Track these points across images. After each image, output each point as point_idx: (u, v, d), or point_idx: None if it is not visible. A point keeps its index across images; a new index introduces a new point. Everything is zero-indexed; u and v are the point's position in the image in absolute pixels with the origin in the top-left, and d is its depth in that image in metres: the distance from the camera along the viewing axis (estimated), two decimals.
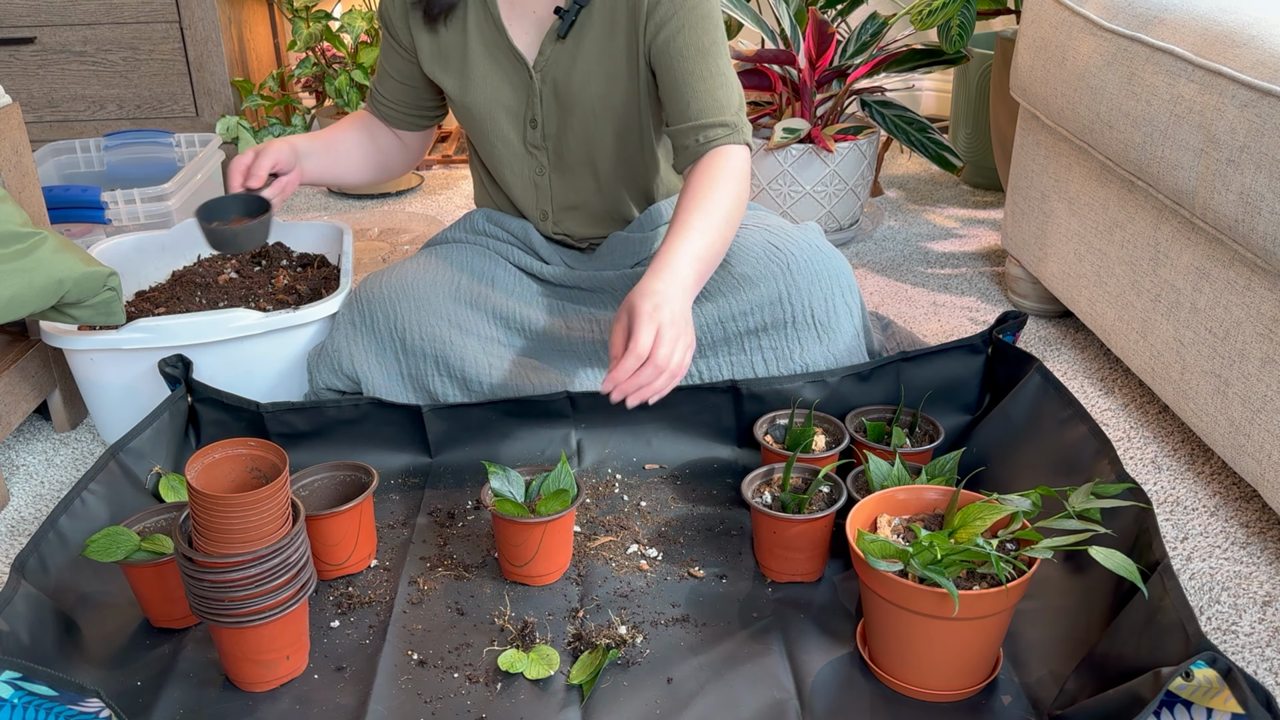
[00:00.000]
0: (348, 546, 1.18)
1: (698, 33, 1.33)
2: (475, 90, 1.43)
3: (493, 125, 1.45)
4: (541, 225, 1.53)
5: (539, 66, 1.39)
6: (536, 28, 1.39)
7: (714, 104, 1.33)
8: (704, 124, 1.33)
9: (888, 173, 2.63)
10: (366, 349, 1.41)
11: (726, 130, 1.33)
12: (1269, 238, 1.15)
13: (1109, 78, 1.45)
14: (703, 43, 1.33)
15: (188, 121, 2.44)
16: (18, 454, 1.52)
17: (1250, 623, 1.13)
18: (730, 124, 1.34)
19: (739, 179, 1.32)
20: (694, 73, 1.33)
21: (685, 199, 1.30)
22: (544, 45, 1.38)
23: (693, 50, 1.33)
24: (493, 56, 1.41)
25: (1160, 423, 1.51)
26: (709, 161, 1.32)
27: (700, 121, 1.33)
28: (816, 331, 1.38)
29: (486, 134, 1.46)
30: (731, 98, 1.35)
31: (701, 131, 1.33)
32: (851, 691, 1.02)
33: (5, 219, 1.27)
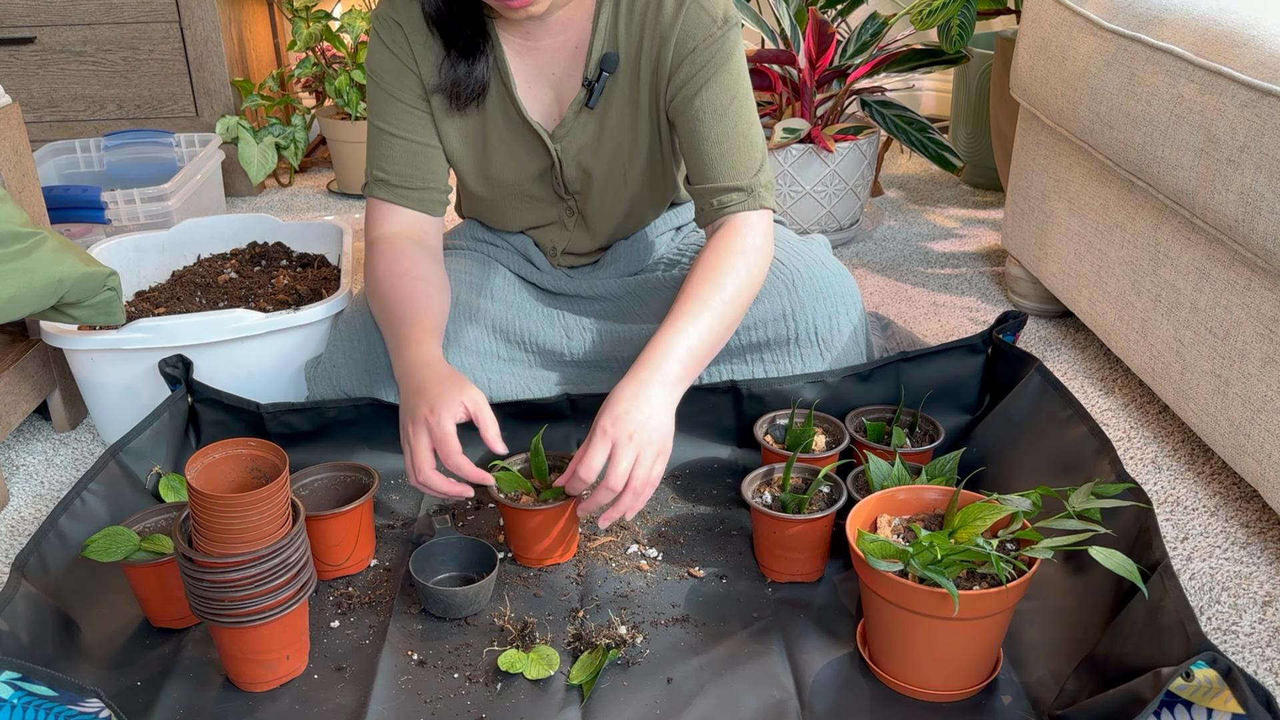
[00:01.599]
0: (347, 547, 1.18)
1: (716, 93, 1.28)
2: (498, 166, 1.38)
3: (519, 192, 1.41)
4: (553, 257, 1.51)
5: (559, 138, 1.35)
6: (555, 88, 1.34)
7: (729, 169, 1.28)
8: (719, 188, 1.29)
9: (888, 173, 2.63)
10: (363, 369, 1.39)
11: (742, 196, 1.29)
12: (1269, 238, 1.15)
13: (1109, 78, 1.45)
14: (721, 104, 1.28)
15: (188, 121, 2.44)
16: (18, 454, 1.52)
17: (1250, 623, 1.13)
18: (746, 188, 1.29)
19: (752, 254, 1.27)
20: (710, 137, 1.28)
21: (691, 283, 1.25)
22: (568, 117, 1.34)
23: (710, 113, 1.28)
24: (511, 130, 1.36)
25: (1160, 423, 1.51)
26: (723, 237, 1.28)
27: (716, 185, 1.29)
28: (820, 349, 1.38)
29: (512, 198, 1.42)
30: (750, 160, 1.29)
31: (716, 196, 1.29)
32: (851, 691, 1.02)
33: (5, 219, 1.27)
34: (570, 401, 1.38)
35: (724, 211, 1.29)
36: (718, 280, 1.24)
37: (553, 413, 1.39)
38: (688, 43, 1.27)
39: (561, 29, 1.30)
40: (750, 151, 1.29)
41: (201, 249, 1.78)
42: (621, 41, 1.29)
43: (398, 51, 1.32)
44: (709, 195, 1.30)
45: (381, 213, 1.37)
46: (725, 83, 1.28)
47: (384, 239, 1.35)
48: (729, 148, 1.28)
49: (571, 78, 1.33)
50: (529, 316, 1.44)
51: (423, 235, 1.37)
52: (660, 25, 1.27)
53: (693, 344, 1.20)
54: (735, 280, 1.25)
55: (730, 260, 1.25)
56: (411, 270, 1.30)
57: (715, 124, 1.28)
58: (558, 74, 1.33)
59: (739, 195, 1.29)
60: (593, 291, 1.47)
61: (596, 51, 1.29)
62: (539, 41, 1.31)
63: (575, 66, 1.32)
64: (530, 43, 1.31)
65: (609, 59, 1.29)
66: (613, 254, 1.49)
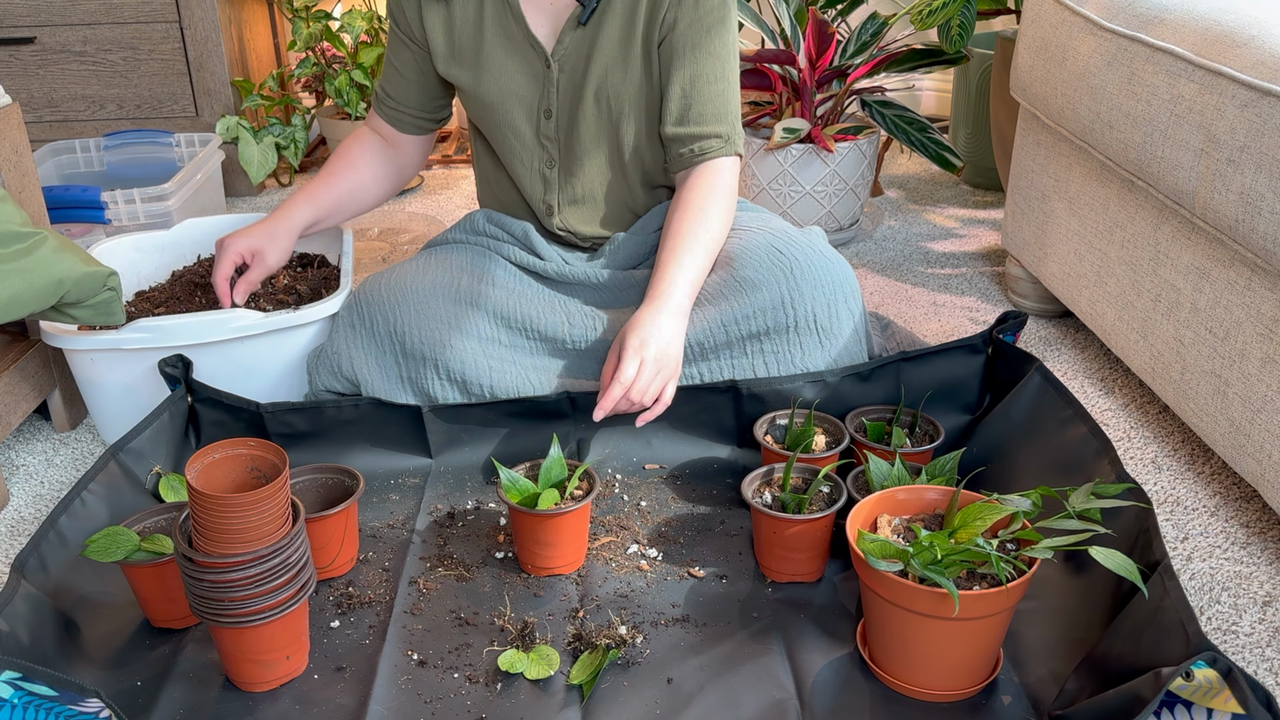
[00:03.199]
0: (333, 550, 1.18)
1: (711, 35, 1.35)
2: (490, 81, 1.43)
3: (505, 116, 1.45)
4: (546, 220, 1.53)
5: (557, 55, 1.39)
6: (554, 17, 1.39)
7: (713, 111, 1.35)
8: (700, 133, 1.35)
9: (888, 173, 2.63)
10: (366, 352, 1.41)
11: (721, 142, 1.37)
12: (1269, 238, 1.15)
13: (1109, 78, 1.45)
14: (714, 45, 1.35)
15: (188, 121, 2.44)
16: (18, 454, 1.52)
17: (1250, 623, 1.13)
18: (725, 135, 1.37)
19: (727, 196, 1.39)
20: (701, 75, 1.35)
21: (677, 220, 1.36)
22: (563, 34, 1.38)
23: (704, 52, 1.34)
24: (509, 47, 1.41)
25: (1160, 423, 1.51)
26: (700, 179, 1.38)
27: (697, 130, 1.35)
28: (819, 336, 1.38)
29: (499, 125, 1.46)
30: (731, 106, 1.37)
31: (697, 141, 1.36)
32: (851, 691, 1.02)
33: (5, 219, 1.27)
34: (570, 400, 1.38)
35: (705, 157, 1.38)
36: (704, 219, 1.36)
37: (553, 411, 1.39)
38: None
39: None
40: (730, 96, 1.38)
41: (201, 249, 1.78)
42: None
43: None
44: (690, 140, 1.38)
45: (373, 119, 1.59)
46: (721, 27, 1.36)
47: (363, 132, 1.59)
48: (716, 90, 1.36)
49: (569, 7, 1.38)
50: (530, 303, 1.45)
51: (397, 145, 1.58)
52: None
53: (692, 276, 1.34)
54: (718, 218, 1.38)
55: (712, 198, 1.37)
56: (352, 155, 1.56)
57: (708, 62, 1.36)
58: (557, 5, 1.39)
59: (718, 142, 1.38)
60: (594, 280, 1.47)
61: None
62: None
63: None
64: None
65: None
66: (612, 245, 1.50)
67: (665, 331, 1.28)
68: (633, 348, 1.26)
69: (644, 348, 1.26)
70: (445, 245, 1.56)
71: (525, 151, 1.48)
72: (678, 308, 1.31)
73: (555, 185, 1.49)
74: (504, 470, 1.20)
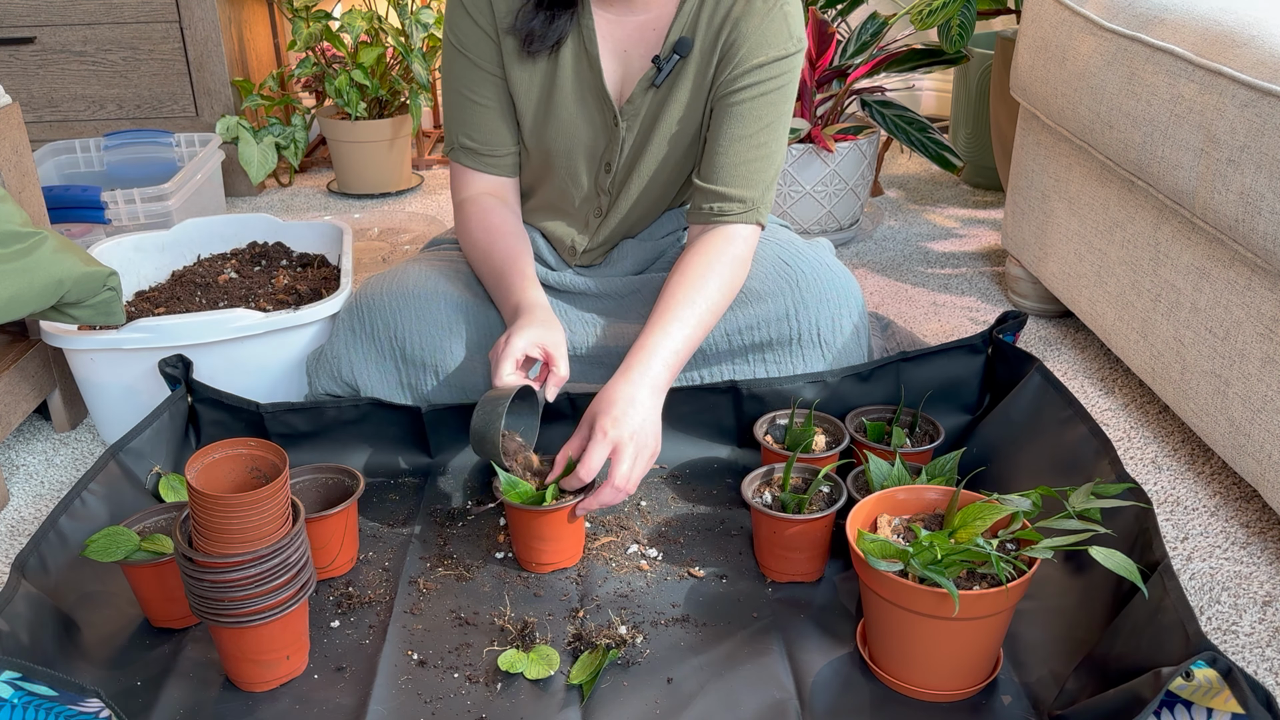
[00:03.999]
0: (333, 550, 1.18)
1: (769, 104, 1.31)
2: (557, 129, 1.38)
3: (568, 165, 1.41)
4: (565, 255, 1.50)
5: (627, 115, 1.35)
6: (624, 69, 1.34)
7: (743, 176, 1.31)
8: (724, 193, 1.31)
9: (888, 173, 2.63)
10: (366, 357, 1.40)
11: (743, 208, 1.32)
12: (1269, 238, 1.15)
13: (1109, 78, 1.45)
14: (768, 116, 1.31)
15: (188, 121, 2.44)
16: (18, 454, 1.52)
17: (1250, 623, 1.13)
18: (749, 201, 1.31)
19: (734, 264, 1.31)
20: (743, 137, 1.31)
21: (674, 284, 1.29)
22: (634, 94, 1.34)
23: (753, 118, 1.30)
24: (581, 96, 1.36)
25: (1160, 423, 1.51)
26: (709, 243, 1.31)
27: (722, 189, 1.31)
28: (821, 350, 1.38)
29: (557, 173, 1.42)
30: (765, 175, 1.32)
31: (719, 201, 1.32)
32: (851, 691, 1.02)
33: (5, 219, 1.27)
34: (570, 400, 1.38)
35: (720, 218, 1.32)
36: (701, 285, 1.29)
37: (552, 412, 1.39)
38: (762, 51, 1.29)
39: (645, 8, 1.32)
40: (768, 167, 1.33)
41: (201, 249, 1.78)
42: (700, 30, 1.31)
43: (476, 14, 1.34)
44: (712, 198, 1.32)
45: (467, 177, 1.44)
46: (779, 100, 1.32)
47: (471, 199, 1.43)
48: (753, 156, 1.31)
49: (642, 59, 1.34)
50: None
51: (504, 194, 1.45)
52: (743, 23, 1.29)
53: (677, 347, 1.26)
54: (718, 286, 1.30)
55: (716, 266, 1.30)
56: (503, 226, 1.40)
57: (755, 129, 1.31)
58: (630, 52, 1.34)
59: (739, 207, 1.32)
60: (599, 289, 1.47)
61: (674, 34, 1.31)
62: (624, 16, 1.33)
63: (649, 48, 1.33)
64: (615, 14, 1.33)
65: (683, 42, 1.31)
66: (620, 252, 1.49)
67: (642, 407, 1.19)
68: (603, 428, 1.17)
69: (617, 426, 1.17)
70: (447, 245, 1.56)
71: (579, 197, 1.44)
72: (655, 382, 1.22)
73: (592, 230, 1.47)
74: (503, 474, 1.20)
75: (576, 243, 1.47)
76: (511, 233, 1.40)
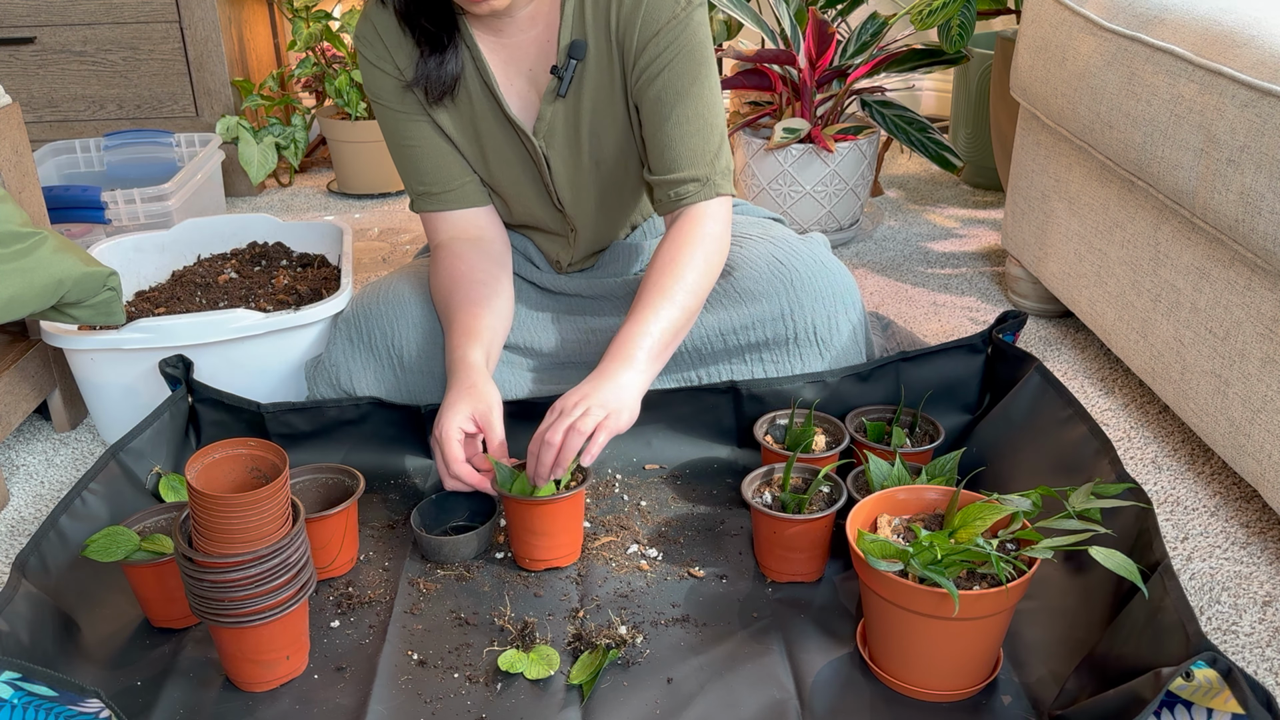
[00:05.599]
0: (333, 550, 1.18)
1: (677, 75, 1.27)
2: (495, 163, 1.38)
3: (519, 193, 1.40)
4: (558, 267, 1.50)
5: (540, 132, 1.34)
6: (534, 84, 1.33)
7: (687, 155, 1.28)
8: (676, 179, 1.29)
9: (888, 173, 2.63)
10: (365, 365, 1.40)
11: (698, 186, 1.29)
12: (1269, 238, 1.15)
13: (1109, 78, 1.45)
14: (682, 85, 1.27)
15: (188, 121, 2.44)
16: (18, 454, 1.52)
17: (1250, 623, 1.13)
18: (702, 178, 1.29)
19: (708, 242, 1.29)
20: (670, 118, 1.27)
21: (653, 275, 1.27)
22: (543, 109, 1.32)
23: (671, 94, 1.27)
24: (499, 127, 1.36)
25: (1160, 423, 1.51)
26: (680, 228, 1.29)
27: (673, 175, 1.29)
28: (819, 348, 1.38)
29: (515, 200, 1.42)
30: (707, 145, 1.29)
31: (673, 187, 1.29)
32: (851, 691, 1.02)
33: (5, 219, 1.27)
34: None
35: (681, 203, 1.30)
36: (678, 271, 1.26)
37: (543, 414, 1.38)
38: (652, 25, 1.26)
39: (531, 24, 1.30)
40: (709, 135, 1.29)
41: (201, 249, 1.78)
42: (590, 29, 1.29)
43: (380, 63, 1.34)
44: (667, 186, 1.30)
45: (433, 222, 1.42)
46: (687, 65, 1.27)
47: (442, 245, 1.41)
48: (688, 130, 1.28)
49: (545, 74, 1.33)
50: (527, 318, 1.45)
51: (478, 231, 1.41)
52: (624, 8, 1.26)
53: (656, 335, 1.23)
54: (695, 270, 1.27)
55: (690, 250, 1.27)
56: (467, 274, 1.35)
57: (675, 105, 1.27)
58: (534, 69, 1.33)
59: (695, 186, 1.29)
60: (590, 292, 1.47)
61: (564, 40, 1.29)
62: (510, 38, 1.31)
63: (548, 61, 1.32)
64: (502, 39, 1.32)
65: (576, 46, 1.28)
66: (610, 254, 1.49)
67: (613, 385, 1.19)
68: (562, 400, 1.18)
69: (567, 400, 1.18)
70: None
71: (544, 218, 1.44)
72: (635, 366, 1.21)
73: (571, 244, 1.47)
74: (498, 465, 1.20)
75: (561, 257, 1.48)
76: (475, 281, 1.34)
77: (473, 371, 1.25)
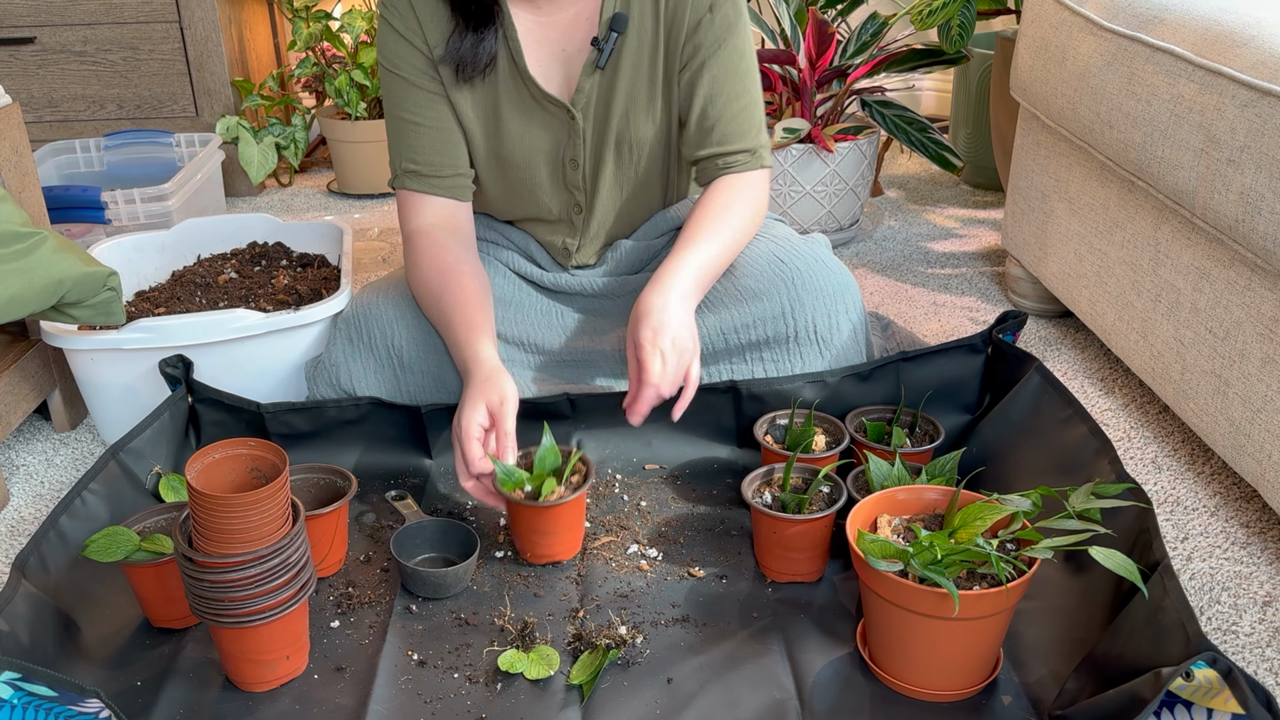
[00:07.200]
0: (321, 550, 1.18)
1: (731, 50, 1.32)
2: (511, 144, 1.37)
3: (529, 176, 1.40)
4: (562, 260, 1.49)
5: (579, 104, 1.35)
6: (566, 64, 1.35)
7: (738, 129, 1.34)
8: (727, 150, 1.34)
9: (888, 173, 2.63)
10: (365, 366, 1.39)
11: (748, 156, 1.35)
12: (1269, 238, 1.15)
13: (1109, 78, 1.45)
14: (733, 61, 1.33)
15: (188, 121, 2.44)
16: (18, 454, 1.52)
17: (1250, 623, 1.13)
18: (752, 149, 1.35)
19: (754, 203, 1.36)
20: (723, 93, 1.33)
21: (699, 212, 1.33)
22: (581, 81, 1.33)
23: (725, 70, 1.32)
24: (526, 107, 1.36)
25: (1160, 423, 1.51)
26: (727, 182, 1.35)
27: (724, 148, 1.34)
28: (819, 347, 1.38)
29: (520, 186, 1.42)
30: (755, 119, 1.35)
31: (723, 158, 1.35)
32: (851, 691, 1.02)
33: (5, 219, 1.27)
34: (570, 401, 1.38)
35: (729, 170, 1.35)
36: (725, 215, 1.32)
37: (552, 412, 1.39)
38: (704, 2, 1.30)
39: (572, 2, 1.32)
40: (756, 111, 1.36)
41: (201, 249, 1.78)
42: (634, 3, 1.31)
43: (409, 35, 1.33)
44: (716, 158, 1.35)
45: (414, 204, 1.39)
46: (740, 41, 1.33)
47: (421, 231, 1.37)
48: (741, 105, 1.34)
49: (580, 52, 1.34)
50: (527, 317, 1.44)
51: (456, 223, 1.39)
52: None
53: (703, 264, 1.29)
54: (740, 216, 1.33)
55: (735, 200, 1.34)
56: (456, 266, 1.33)
57: (729, 81, 1.33)
58: (569, 50, 1.34)
59: (745, 156, 1.35)
60: (593, 290, 1.47)
61: (607, 13, 1.31)
62: (548, 16, 1.32)
63: (585, 37, 1.34)
64: (539, 16, 1.32)
65: (619, 18, 1.31)
66: (614, 252, 1.49)
67: (674, 315, 1.23)
68: (648, 340, 1.21)
69: (658, 337, 1.22)
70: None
71: (551, 202, 1.43)
72: (684, 292, 1.26)
73: (578, 228, 1.46)
74: (498, 464, 1.20)
75: (569, 244, 1.47)
76: (466, 273, 1.33)
77: (487, 366, 1.24)
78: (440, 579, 1.15)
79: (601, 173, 1.40)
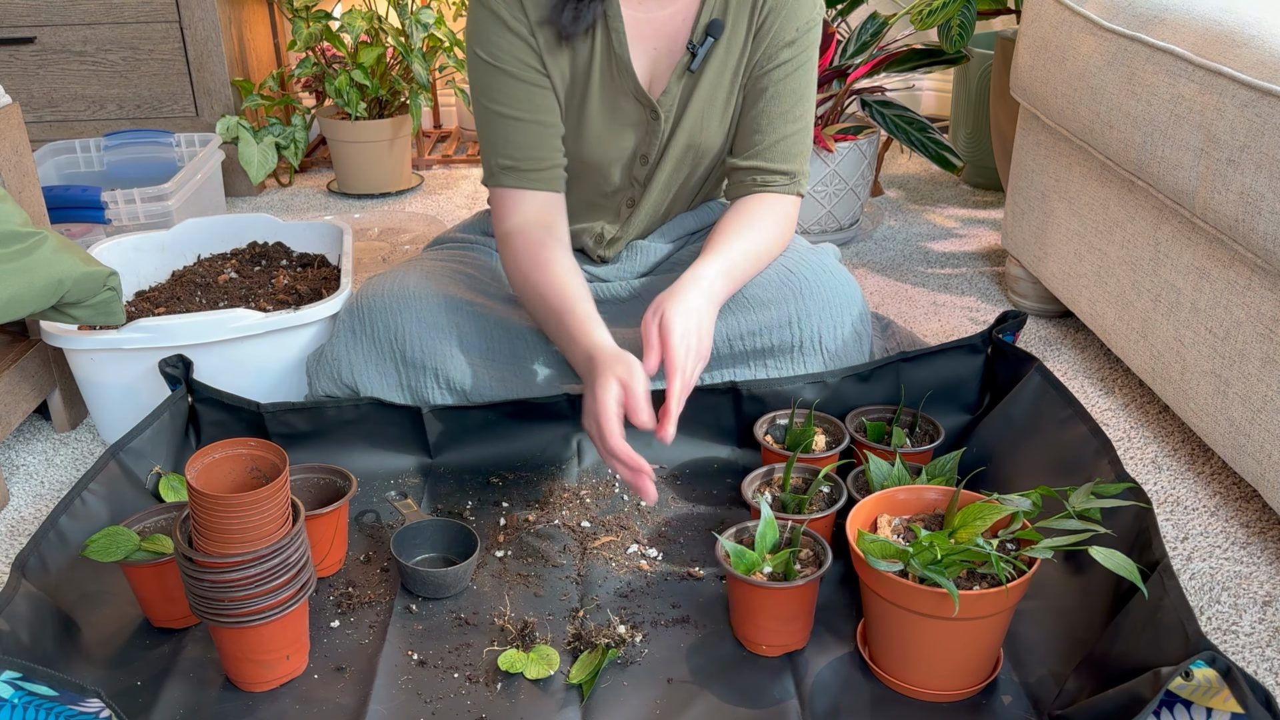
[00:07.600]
0: (321, 550, 1.18)
1: (804, 74, 1.35)
2: (592, 137, 1.36)
3: (602, 168, 1.40)
4: (596, 249, 1.49)
5: (664, 105, 1.35)
6: (654, 62, 1.35)
7: (784, 150, 1.36)
8: (771, 168, 1.35)
9: (888, 173, 2.63)
10: (366, 359, 1.40)
11: (787, 180, 1.37)
12: (1269, 238, 1.15)
13: (1109, 78, 1.45)
14: (802, 85, 1.35)
15: (188, 121, 2.44)
16: (18, 454, 1.52)
17: (1250, 623, 1.13)
18: (792, 174, 1.37)
19: (783, 223, 1.38)
20: (789, 113, 1.35)
21: (729, 221, 1.34)
22: (670, 82, 1.34)
23: (796, 91, 1.34)
24: (614, 99, 1.35)
25: (1160, 423, 1.51)
26: (758, 198, 1.37)
27: (765, 164, 1.35)
28: (823, 356, 1.38)
29: (589, 174, 1.42)
30: (804, 148, 1.37)
31: (762, 174, 1.36)
32: (851, 691, 1.02)
33: (5, 219, 1.27)
34: (570, 401, 1.38)
35: (765, 189, 1.37)
36: (751, 226, 1.35)
37: (552, 412, 1.39)
38: (794, 20, 1.32)
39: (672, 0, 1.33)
40: (805, 139, 1.37)
41: (201, 249, 1.78)
42: (731, 10, 1.32)
43: (513, 22, 1.30)
44: (757, 173, 1.36)
45: (511, 201, 1.36)
46: (809, 71, 1.36)
47: (517, 231, 1.34)
48: (792, 130, 1.36)
49: (670, 51, 1.35)
50: None
51: (550, 219, 1.36)
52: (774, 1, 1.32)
53: (731, 270, 1.31)
54: (765, 230, 1.35)
55: (763, 214, 1.36)
56: (554, 261, 1.31)
57: (796, 103, 1.35)
58: (660, 49, 1.35)
59: (784, 179, 1.37)
60: (603, 295, 1.47)
61: (704, 18, 1.32)
62: (649, 12, 1.33)
63: (678, 39, 1.34)
64: (639, 13, 1.33)
65: (716, 24, 1.32)
66: (630, 251, 1.50)
67: (699, 320, 1.22)
68: (680, 346, 1.19)
69: (686, 341, 1.19)
70: (451, 245, 1.56)
71: (611, 191, 1.43)
72: (710, 291, 1.26)
73: (623, 219, 1.47)
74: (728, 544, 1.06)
75: (606, 231, 1.48)
76: (566, 269, 1.31)
77: (609, 349, 1.21)
78: (440, 579, 1.15)
79: (661, 171, 1.41)
